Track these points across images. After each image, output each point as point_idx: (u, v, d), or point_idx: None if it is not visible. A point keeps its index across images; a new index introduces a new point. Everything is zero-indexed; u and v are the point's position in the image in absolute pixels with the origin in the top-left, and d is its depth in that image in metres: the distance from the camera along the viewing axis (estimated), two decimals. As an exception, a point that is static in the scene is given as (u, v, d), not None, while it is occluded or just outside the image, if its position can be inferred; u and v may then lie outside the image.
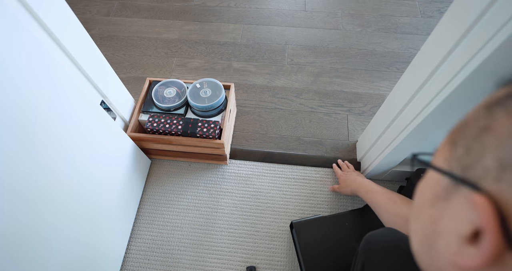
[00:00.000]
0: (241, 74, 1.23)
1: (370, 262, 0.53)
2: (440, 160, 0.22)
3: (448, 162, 0.21)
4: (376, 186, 0.77)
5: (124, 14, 1.41)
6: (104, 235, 0.75)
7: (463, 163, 0.20)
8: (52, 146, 0.54)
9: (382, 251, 0.52)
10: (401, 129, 0.70)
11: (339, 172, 0.95)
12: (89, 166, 0.66)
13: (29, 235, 0.51)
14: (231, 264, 0.87)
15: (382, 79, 1.20)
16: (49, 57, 0.52)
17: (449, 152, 0.22)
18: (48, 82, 0.51)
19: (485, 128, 0.19)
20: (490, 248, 0.17)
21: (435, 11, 1.39)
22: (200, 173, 1.01)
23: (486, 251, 0.17)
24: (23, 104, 0.47)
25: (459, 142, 0.21)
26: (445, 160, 0.22)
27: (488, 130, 0.19)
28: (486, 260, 0.17)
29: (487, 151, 0.18)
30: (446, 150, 0.22)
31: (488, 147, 0.18)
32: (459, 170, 0.20)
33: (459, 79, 0.49)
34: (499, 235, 0.16)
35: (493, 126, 0.18)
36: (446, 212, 0.21)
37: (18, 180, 0.47)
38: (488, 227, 0.17)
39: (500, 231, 0.17)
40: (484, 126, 0.19)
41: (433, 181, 0.23)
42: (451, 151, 0.21)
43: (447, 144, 0.22)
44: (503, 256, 0.17)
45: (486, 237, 0.17)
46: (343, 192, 0.89)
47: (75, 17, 0.64)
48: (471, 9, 0.44)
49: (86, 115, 0.63)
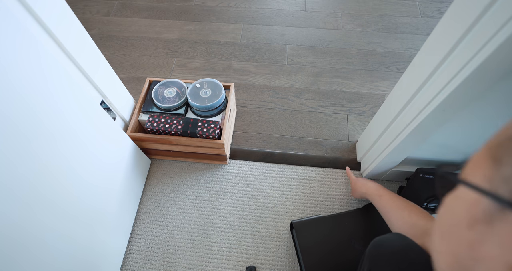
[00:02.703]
0: (241, 74, 1.23)
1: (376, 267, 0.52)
2: (478, 177, 0.20)
3: (491, 182, 0.19)
4: (388, 191, 0.75)
5: (124, 14, 1.41)
6: (104, 235, 0.75)
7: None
8: (51, 147, 0.54)
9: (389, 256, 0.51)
10: (401, 129, 0.70)
11: (352, 176, 0.92)
12: (88, 166, 0.66)
13: (28, 237, 0.51)
14: (231, 264, 0.87)
15: (382, 79, 1.20)
16: (48, 57, 0.52)
17: (491, 170, 0.19)
18: (47, 82, 0.51)
19: None
20: None
21: (435, 11, 1.39)
22: (200, 173, 1.01)
23: None
24: (20, 105, 0.47)
25: (505, 159, 0.19)
26: (487, 179, 0.19)
27: None
28: None
29: None
30: (487, 166, 0.20)
31: None
32: (507, 193, 0.18)
33: (459, 79, 0.49)
34: None
35: None
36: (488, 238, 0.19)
37: (15, 182, 0.47)
38: None
39: None
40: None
41: (468, 201, 0.21)
42: (494, 169, 0.19)
43: (487, 159, 0.20)
44: None
45: None
46: (353, 194, 0.89)
47: (75, 17, 0.64)
48: (471, 9, 0.44)
49: (86, 115, 0.63)
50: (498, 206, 0.18)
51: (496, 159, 0.19)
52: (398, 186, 0.96)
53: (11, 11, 0.44)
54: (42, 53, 0.50)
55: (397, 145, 0.73)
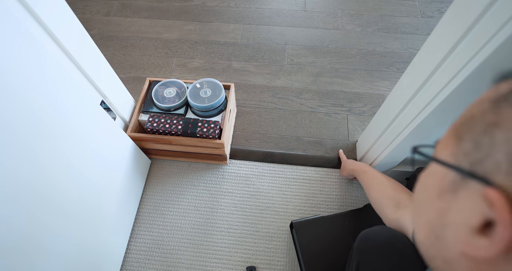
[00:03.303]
0: (241, 74, 1.23)
1: (365, 260, 0.54)
2: (445, 154, 0.23)
3: (454, 156, 0.22)
4: (373, 169, 0.79)
5: (124, 14, 1.41)
6: (103, 235, 0.75)
7: (471, 157, 0.20)
8: (51, 146, 0.54)
9: (377, 249, 0.54)
10: (401, 129, 0.70)
11: (344, 157, 0.97)
12: (88, 166, 0.66)
13: (28, 236, 0.51)
14: (231, 264, 0.87)
15: (382, 79, 1.20)
16: (48, 57, 0.52)
17: (455, 146, 0.22)
18: (47, 82, 0.51)
19: (493, 124, 0.19)
20: (504, 240, 0.17)
21: (435, 11, 1.39)
22: (200, 173, 1.01)
23: (499, 243, 0.18)
24: (20, 104, 0.47)
25: (465, 136, 0.21)
26: (451, 154, 0.22)
27: (496, 126, 0.19)
28: (499, 251, 0.18)
29: (497, 146, 0.19)
30: (451, 144, 0.22)
31: (497, 142, 0.19)
32: (467, 165, 0.20)
33: (459, 79, 0.49)
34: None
35: (501, 122, 0.19)
36: (453, 205, 0.21)
37: (16, 181, 0.47)
38: (501, 220, 0.17)
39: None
40: (492, 122, 0.20)
41: (438, 175, 0.23)
42: (457, 145, 0.22)
43: (452, 138, 0.23)
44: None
45: (499, 229, 0.18)
46: (342, 173, 0.94)
47: (75, 17, 0.64)
48: (471, 9, 0.44)
49: (86, 115, 0.63)
50: (461, 176, 0.21)
51: (458, 136, 0.22)
52: (398, 186, 0.96)
53: (11, 11, 0.44)
54: (42, 53, 0.50)
55: (397, 145, 0.73)
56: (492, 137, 0.19)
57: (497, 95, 0.21)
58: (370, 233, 0.57)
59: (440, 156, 0.23)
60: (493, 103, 0.20)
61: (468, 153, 0.20)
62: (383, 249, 0.53)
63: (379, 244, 0.54)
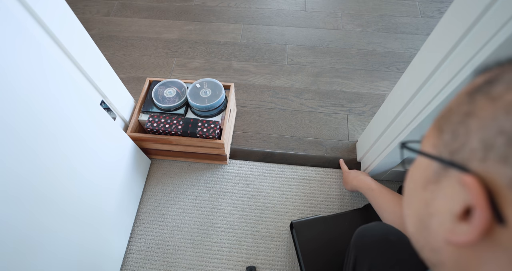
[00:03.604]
0: (241, 74, 1.23)
1: (362, 256, 0.56)
2: (428, 146, 0.24)
3: (436, 148, 0.23)
4: (379, 185, 0.77)
5: (124, 14, 1.41)
6: (103, 235, 0.75)
7: (450, 147, 0.21)
8: (51, 146, 0.54)
9: (373, 244, 0.55)
10: (401, 129, 0.70)
11: (345, 168, 0.96)
12: (88, 166, 0.66)
13: (28, 236, 0.51)
14: (231, 264, 0.87)
15: (382, 79, 1.20)
16: (49, 57, 0.52)
17: (437, 138, 0.23)
18: (48, 82, 0.51)
19: (468, 114, 0.20)
20: (481, 223, 0.18)
21: (435, 11, 1.39)
22: (200, 173, 1.01)
23: (477, 226, 0.18)
24: (20, 104, 0.47)
25: (445, 128, 0.22)
26: (434, 146, 0.23)
27: (471, 116, 0.20)
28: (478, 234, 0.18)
29: (472, 135, 0.19)
30: (433, 136, 0.23)
31: (472, 131, 0.20)
32: (447, 154, 0.21)
33: (459, 79, 0.49)
34: (489, 211, 0.18)
35: (475, 112, 0.20)
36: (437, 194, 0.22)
37: (16, 180, 0.47)
38: (478, 204, 0.18)
39: (489, 207, 0.18)
40: (467, 112, 0.21)
41: (423, 167, 0.24)
42: (438, 137, 0.23)
43: (434, 131, 0.24)
44: (493, 230, 0.18)
45: (477, 213, 0.18)
46: (345, 186, 0.92)
47: (75, 17, 0.64)
48: (471, 9, 0.44)
49: (86, 115, 0.63)
50: (442, 166, 0.21)
51: (439, 128, 0.23)
52: (398, 186, 0.95)
53: (11, 11, 0.44)
54: (43, 53, 0.50)
55: (397, 144, 0.73)
56: (468, 126, 0.20)
57: (472, 87, 0.22)
58: (366, 229, 0.58)
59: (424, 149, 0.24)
60: (468, 95, 0.21)
61: (448, 143, 0.21)
62: (380, 245, 0.54)
63: (376, 240, 0.55)
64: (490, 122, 0.19)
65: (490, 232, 0.18)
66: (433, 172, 0.22)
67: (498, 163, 0.18)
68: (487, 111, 0.19)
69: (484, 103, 0.20)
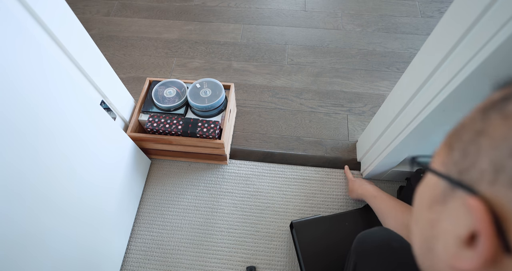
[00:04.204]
0: (241, 74, 1.23)
1: (362, 260, 0.55)
2: (438, 163, 0.22)
3: (445, 166, 0.21)
4: (383, 193, 0.77)
5: (124, 14, 1.41)
6: (103, 235, 0.75)
7: (459, 166, 0.20)
8: (51, 146, 0.54)
9: (374, 250, 0.54)
10: (401, 129, 0.70)
11: (350, 176, 0.95)
12: (88, 166, 0.66)
13: (27, 236, 0.51)
14: (231, 264, 0.87)
15: (382, 79, 1.20)
16: (49, 57, 0.52)
17: (447, 156, 0.22)
18: (48, 82, 0.51)
19: (480, 132, 0.19)
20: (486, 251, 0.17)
21: (435, 11, 1.39)
22: (200, 173, 1.01)
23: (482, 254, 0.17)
24: (20, 104, 0.47)
25: (455, 145, 0.21)
26: (443, 164, 0.22)
27: (483, 134, 0.19)
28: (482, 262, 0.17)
29: (482, 154, 0.18)
30: (444, 153, 0.22)
31: (483, 150, 0.18)
32: (455, 174, 0.20)
33: (459, 79, 0.49)
34: (495, 238, 0.17)
35: (488, 130, 0.19)
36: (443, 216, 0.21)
37: (16, 180, 0.47)
38: (483, 230, 0.17)
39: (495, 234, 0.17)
40: (479, 130, 0.19)
41: (431, 185, 0.23)
42: (448, 155, 0.21)
43: (445, 147, 0.22)
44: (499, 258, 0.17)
45: (482, 239, 0.17)
46: (350, 195, 0.91)
47: (75, 17, 0.64)
48: (471, 9, 0.44)
49: (86, 115, 0.63)
50: (450, 185, 0.20)
51: (450, 145, 0.22)
52: (398, 186, 0.95)
53: (11, 11, 0.44)
54: (43, 53, 0.50)
55: (397, 145, 0.73)
56: (479, 145, 0.19)
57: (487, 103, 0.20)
58: (367, 234, 0.57)
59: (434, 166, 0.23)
60: (482, 111, 0.20)
61: (457, 162, 0.20)
62: (380, 249, 0.53)
63: (376, 246, 0.54)
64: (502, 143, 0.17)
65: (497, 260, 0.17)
66: (441, 191, 0.21)
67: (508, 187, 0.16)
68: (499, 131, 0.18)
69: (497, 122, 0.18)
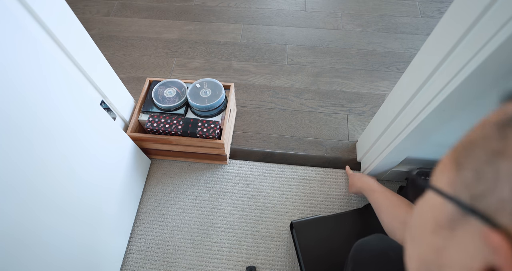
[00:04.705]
0: (241, 74, 1.23)
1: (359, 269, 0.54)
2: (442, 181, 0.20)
3: (453, 187, 0.19)
4: (382, 187, 0.75)
5: (124, 14, 1.41)
6: (103, 235, 0.75)
7: (473, 190, 0.17)
8: (50, 146, 0.54)
9: (370, 259, 0.53)
10: (401, 129, 0.70)
11: (350, 172, 0.95)
12: (88, 166, 0.66)
13: (27, 236, 0.51)
14: (231, 264, 0.87)
15: (382, 79, 1.20)
16: (49, 57, 0.52)
17: (454, 174, 0.19)
18: (46, 82, 0.51)
19: (498, 153, 0.17)
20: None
21: (435, 11, 1.39)
22: (200, 173, 1.01)
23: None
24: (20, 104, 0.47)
25: (466, 163, 0.18)
26: (450, 184, 0.19)
27: (502, 156, 0.16)
28: None
29: (502, 180, 0.16)
30: (450, 170, 0.20)
31: (503, 175, 0.16)
32: (467, 198, 0.17)
33: (459, 79, 0.49)
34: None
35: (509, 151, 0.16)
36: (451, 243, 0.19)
37: (15, 180, 0.47)
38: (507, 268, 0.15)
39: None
40: (497, 150, 0.17)
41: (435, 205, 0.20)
42: (456, 173, 0.19)
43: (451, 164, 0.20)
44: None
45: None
46: (350, 190, 0.90)
47: (74, 16, 0.64)
48: (471, 9, 0.44)
49: (86, 115, 0.63)
50: (460, 211, 0.18)
51: (458, 162, 0.19)
52: (398, 186, 0.95)
53: (10, 9, 0.44)
54: (43, 54, 0.50)
55: (397, 145, 0.73)
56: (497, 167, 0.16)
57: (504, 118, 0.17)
58: (365, 243, 0.56)
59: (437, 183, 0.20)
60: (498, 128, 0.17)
61: (469, 184, 0.18)
62: (377, 259, 0.52)
63: (374, 255, 0.53)
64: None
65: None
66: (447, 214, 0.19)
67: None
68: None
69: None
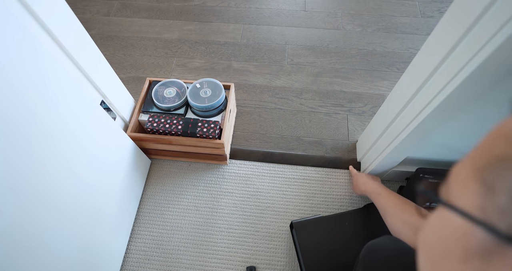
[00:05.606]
0: (241, 74, 1.23)
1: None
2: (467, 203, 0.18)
3: (483, 211, 0.17)
4: (387, 190, 0.75)
5: (124, 14, 1.41)
6: (104, 235, 0.75)
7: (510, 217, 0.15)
8: (49, 146, 0.54)
9: (382, 261, 0.52)
10: (401, 129, 0.70)
11: (354, 172, 0.94)
12: (88, 166, 0.66)
13: (28, 236, 0.51)
14: (231, 264, 0.87)
15: (382, 79, 1.20)
16: (49, 57, 0.52)
17: (484, 197, 0.17)
18: (45, 82, 0.51)
19: None
20: None
21: (435, 11, 1.39)
22: (200, 173, 1.01)
23: None
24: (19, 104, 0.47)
25: (498, 186, 0.16)
26: (479, 207, 0.17)
27: None
28: None
29: None
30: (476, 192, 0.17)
31: None
32: (504, 226, 0.15)
33: (459, 79, 0.49)
34: None
35: None
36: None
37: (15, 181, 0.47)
38: None
39: None
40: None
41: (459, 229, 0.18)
42: (486, 196, 0.17)
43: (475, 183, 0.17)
44: None
45: None
46: (354, 191, 0.90)
47: (74, 16, 0.64)
48: (471, 9, 0.44)
49: (86, 115, 0.63)
50: (496, 240, 0.16)
51: (487, 184, 0.17)
52: (398, 186, 0.95)
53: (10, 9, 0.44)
54: (42, 54, 0.50)
55: (397, 145, 0.73)
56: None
57: None
58: (376, 244, 0.55)
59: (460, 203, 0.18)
60: None
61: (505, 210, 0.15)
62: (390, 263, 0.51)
63: (385, 257, 0.52)
64: None
65: None
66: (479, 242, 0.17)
67: None
68: None
69: None
